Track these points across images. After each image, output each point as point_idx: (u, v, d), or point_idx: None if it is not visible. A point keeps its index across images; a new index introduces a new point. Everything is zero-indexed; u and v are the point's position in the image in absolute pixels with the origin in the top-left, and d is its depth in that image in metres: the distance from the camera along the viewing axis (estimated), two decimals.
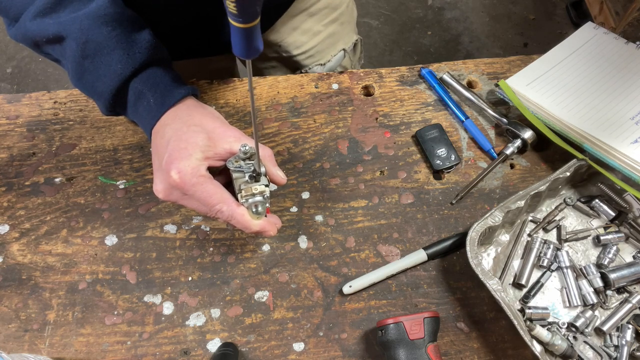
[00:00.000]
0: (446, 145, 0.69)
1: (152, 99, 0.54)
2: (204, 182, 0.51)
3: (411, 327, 0.53)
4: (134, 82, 0.55)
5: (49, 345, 0.58)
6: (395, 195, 0.67)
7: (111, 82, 0.54)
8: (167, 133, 0.53)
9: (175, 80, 0.57)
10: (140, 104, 0.55)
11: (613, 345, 0.57)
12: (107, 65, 0.54)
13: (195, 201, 0.52)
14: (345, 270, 0.62)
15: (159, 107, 0.55)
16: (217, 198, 0.51)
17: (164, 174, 0.52)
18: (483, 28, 2.15)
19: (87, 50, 0.53)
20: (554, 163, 0.69)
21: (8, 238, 0.64)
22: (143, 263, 0.62)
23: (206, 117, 0.54)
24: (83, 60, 0.54)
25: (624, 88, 0.69)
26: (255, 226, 0.52)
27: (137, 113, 0.56)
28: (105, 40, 0.53)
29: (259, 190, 0.52)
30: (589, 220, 0.65)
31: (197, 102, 0.56)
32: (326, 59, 0.92)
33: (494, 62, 0.78)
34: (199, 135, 0.52)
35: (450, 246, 0.62)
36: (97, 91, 0.55)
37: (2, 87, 1.99)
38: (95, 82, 0.55)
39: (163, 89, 0.55)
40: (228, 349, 0.55)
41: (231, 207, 0.51)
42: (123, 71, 0.54)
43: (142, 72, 0.55)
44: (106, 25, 0.53)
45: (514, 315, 0.54)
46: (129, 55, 0.54)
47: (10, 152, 0.69)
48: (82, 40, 0.53)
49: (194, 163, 0.51)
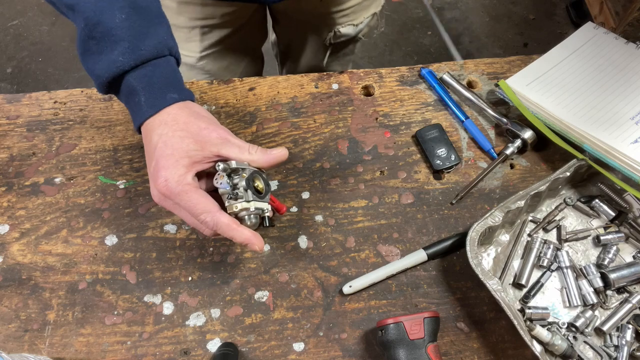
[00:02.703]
0: (446, 145, 0.69)
1: (144, 98, 0.53)
2: (189, 191, 0.50)
3: (411, 327, 0.53)
4: (130, 77, 0.54)
5: (49, 345, 0.58)
6: (395, 195, 0.67)
7: (109, 69, 0.53)
8: (154, 139, 0.52)
9: (172, 83, 0.55)
10: (132, 99, 0.54)
11: (613, 345, 0.57)
12: (109, 53, 0.52)
13: (183, 210, 0.52)
14: (345, 270, 0.62)
15: (148, 109, 0.54)
16: (201, 207, 0.50)
17: (153, 182, 0.52)
18: (483, 28, 2.15)
19: (95, 32, 0.52)
20: (554, 163, 0.69)
21: (8, 238, 0.64)
22: (143, 263, 0.62)
23: (191, 119, 0.53)
24: (89, 39, 0.53)
25: (624, 88, 0.69)
26: (240, 237, 0.51)
27: (128, 105, 0.55)
28: (115, 28, 0.52)
29: (240, 208, 0.52)
30: (589, 220, 0.65)
31: (186, 105, 0.55)
32: (359, 20, 0.94)
33: (494, 62, 0.78)
34: (184, 141, 0.51)
35: (450, 246, 0.62)
36: (95, 73, 0.54)
37: (2, 87, 1.99)
38: (95, 64, 0.54)
39: (157, 90, 0.54)
40: (228, 349, 0.55)
41: (215, 217, 0.50)
42: (122, 64, 0.52)
43: (140, 69, 0.54)
44: (121, 11, 0.52)
45: (514, 315, 0.54)
46: (133, 50, 0.53)
47: (10, 152, 0.69)
48: (92, 21, 0.51)
49: (181, 171, 0.50)
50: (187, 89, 0.57)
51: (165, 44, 0.55)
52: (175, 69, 0.57)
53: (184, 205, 0.50)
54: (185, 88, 0.57)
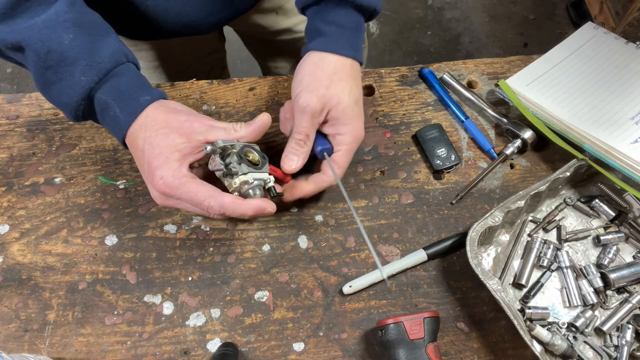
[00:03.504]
0: (446, 145, 0.69)
1: (118, 109, 0.53)
2: (187, 183, 0.51)
3: (411, 327, 0.53)
4: (99, 93, 0.53)
5: (49, 345, 0.58)
6: (395, 195, 0.67)
7: (75, 93, 0.52)
8: (139, 144, 0.53)
9: (140, 86, 0.55)
10: (107, 115, 0.54)
11: (613, 345, 0.57)
12: (70, 76, 0.52)
13: (187, 203, 0.52)
14: (345, 270, 0.62)
15: (126, 117, 0.53)
16: (202, 195, 0.50)
17: (151, 184, 0.52)
18: (483, 28, 2.15)
19: (49, 60, 0.51)
20: (554, 163, 0.69)
21: (8, 238, 0.64)
22: (143, 263, 0.62)
23: (170, 116, 0.53)
24: (45, 71, 0.52)
25: (624, 88, 0.69)
26: (249, 209, 0.51)
27: (105, 122, 0.55)
28: (67, 50, 0.51)
29: (241, 181, 0.52)
30: (589, 220, 0.65)
31: (160, 104, 0.55)
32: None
33: (494, 62, 0.78)
34: (169, 137, 0.52)
35: (450, 246, 0.62)
36: (62, 102, 0.54)
37: (2, 87, 1.99)
38: (59, 93, 0.53)
39: (128, 97, 0.53)
40: (228, 349, 0.55)
41: (218, 199, 0.50)
42: (87, 82, 0.52)
43: (106, 82, 0.53)
44: (67, 32, 0.51)
45: (514, 315, 0.54)
46: (92, 66, 0.52)
47: (10, 152, 0.69)
48: (43, 51, 0.50)
49: (174, 166, 0.51)
50: (156, 89, 0.56)
51: (120, 51, 0.55)
52: (138, 73, 0.57)
53: (186, 198, 0.51)
54: (153, 88, 0.56)
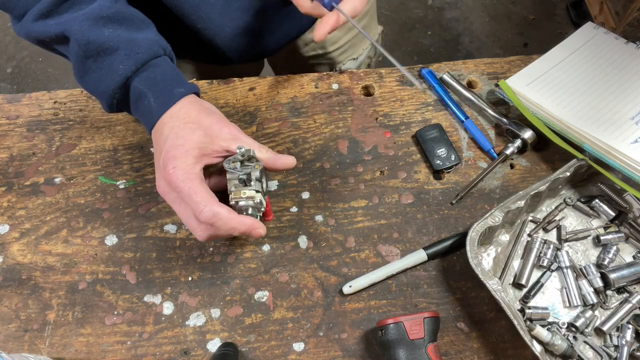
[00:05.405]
0: (446, 145, 0.69)
1: (153, 98, 0.55)
2: (194, 180, 0.51)
3: (411, 327, 0.53)
4: (135, 82, 0.55)
5: (49, 345, 0.58)
6: (395, 195, 0.67)
7: (112, 82, 0.54)
8: (165, 131, 0.54)
9: (175, 79, 0.57)
10: (141, 103, 0.56)
11: (613, 345, 0.57)
12: (108, 66, 0.54)
13: (184, 204, 0.52)
14: (345, 270, 0.62)
15: (159, 107, 0.55)
16: (201, 196, 0.50)
17: (161, 171, 0.52)
18: (483, 28, 2.15)
19: (89, 50, 0.54)
20: (554, 163, 0.69)
21: (8, 238, 0.64)
22: (143, 263, 0.62)
23: (202, 114, 0.54)
24: (86, 59, 0.54)
25: (624, 88, 0.69)
26: (242, 225, 0.52)
27: (139, 112, 0.57)
28: (107, 41, 0.54)
29: (247, 195, 0.52)
30: (589, 220, 0.65)
31: (196, 100, 0.57)
32: (358, 52, 0.93)
33: (494, 62, 0.78)
34: (195, 132, 0.53)
35: (450, 246, 0.62)
36: (100, 90, 0.56)
37: (2, 87, 1.99)
38: (97, 81, 0.55)
39: (163, 88, 0.55)
40: (228, 349, 0.55)
41: (215, 207, 0.50)
42: (124, 71, 0.54)
43: (143, 72, 0.55)
44: (106, 25, 0.54)
45: (514, 315, 0.54)
46: (130, 55, 0.54)
47: (10, 152, 0.69)
48: (83, 42, 0.53)
49: (190, 161, 0.51)
50: (190, 83, 0.58)
51: (158, 44, 0.57)
52: (173, 67, 0.59)
53: (186, 194, 0.51)
54: (188, 82, 0.58)
